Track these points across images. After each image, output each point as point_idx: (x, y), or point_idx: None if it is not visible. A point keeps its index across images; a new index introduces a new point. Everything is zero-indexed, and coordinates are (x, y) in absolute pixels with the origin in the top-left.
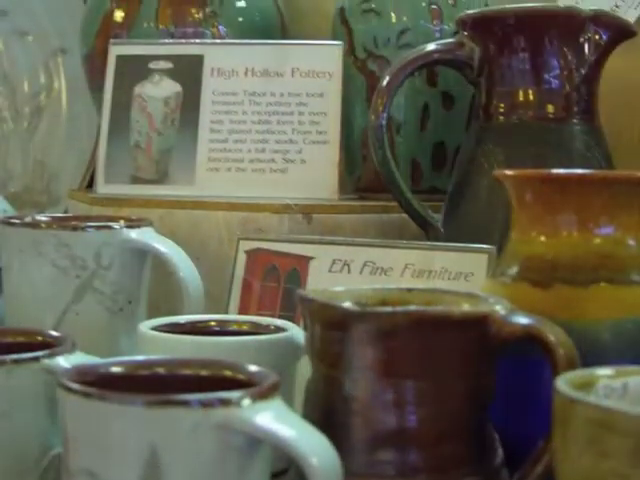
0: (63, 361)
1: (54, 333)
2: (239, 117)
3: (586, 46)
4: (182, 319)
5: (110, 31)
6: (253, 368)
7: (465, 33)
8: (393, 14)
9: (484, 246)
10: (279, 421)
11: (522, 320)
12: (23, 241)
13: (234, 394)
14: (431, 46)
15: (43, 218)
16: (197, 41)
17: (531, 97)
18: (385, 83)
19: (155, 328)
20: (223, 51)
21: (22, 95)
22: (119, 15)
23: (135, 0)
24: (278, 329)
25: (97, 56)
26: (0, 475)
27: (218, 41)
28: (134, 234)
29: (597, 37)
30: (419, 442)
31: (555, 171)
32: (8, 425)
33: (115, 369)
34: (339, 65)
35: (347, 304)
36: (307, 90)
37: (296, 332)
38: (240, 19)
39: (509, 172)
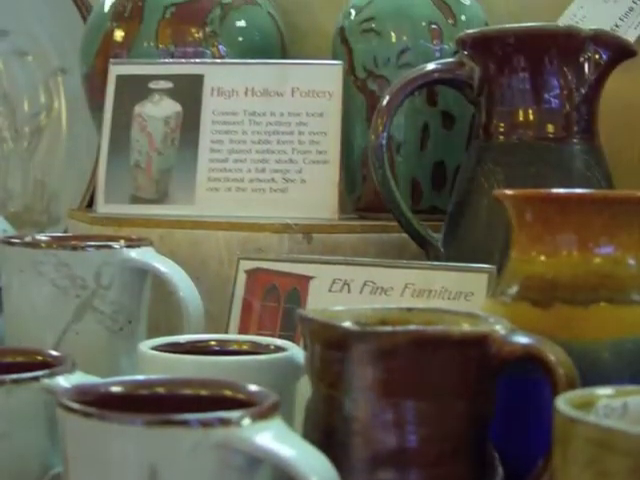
0: (63, 381)
1: (54, 353)
2: (239, 137)
3: (586, 66)
4: (182, 339)
5: (110, 51)
6: (253, 388)
7: (465, 53)
8: (393, 34)
9: (484, 266)
10: (279, 441)
11: (522, 340)
12: (23, 261)
13: (234, 414)
14: (431, 66)
15: (43, 238)
16: (197, 61)
17: (531, 117)
18: (385, 103)
19: (155, 348)
20: (223, 71)
21: (22, 115)
22: (119, 35)
23: (135, 20)
24: (278, 349)
25: (97, 76)
26: None
27: (218, 61)
28: (134, 254)
29: (597, 57)
30: (419, 462)
31: (555, 191)
32: (8, 445)
33: (115, 389)
34: (339, 85)
35: (347, 324)
36: (307, 110)
37: (296, 352)
38: (240, 39)
39: (509, 192)
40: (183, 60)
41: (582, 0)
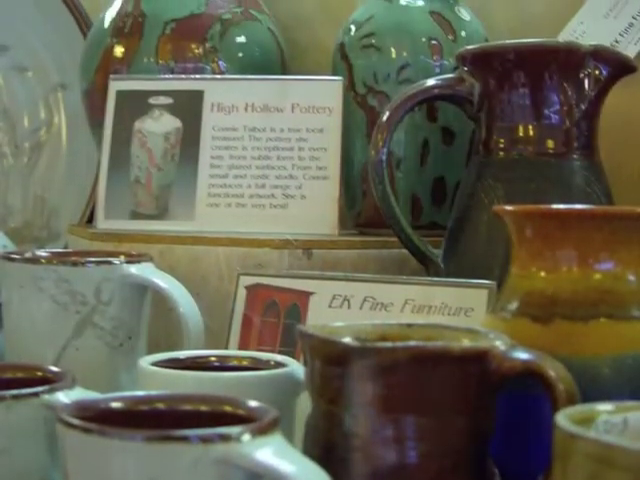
0: (63, 397)
1: (54, 369)
2: (239, 152)
3: (586, 81)
4: (182, 354)
5: (110, 66)
6: (253, 403)
7: (465, 68)
8: (393, 49)
9: (484, 281)
10: (279, 456)
11: (522, 356)
12: (23, 276)
13: (234, 429)
14: (431, 81)
15: (43, 253)
16: (197, 76)
17: (531, 132)
18: (385, 118)
19: (155, 363)
20: (223, 86)
21: (22, 130)
22: (119, 50)
23: (135, 35)
24: (278, 364)
25: (97, 91)
26: None
27: (218, 76)
28: (134, 269)
29: (597, 72)
30: (419, 478)
31: (555, 206)
32: (8, 461)
33: (115, 404)
34: (339, 100)
35: (347, 339)
36: (307, 125)
37: (296, 368)
38: (240, 54)
39: (509, 207)
40: (183, 76)
41: (582, 16)
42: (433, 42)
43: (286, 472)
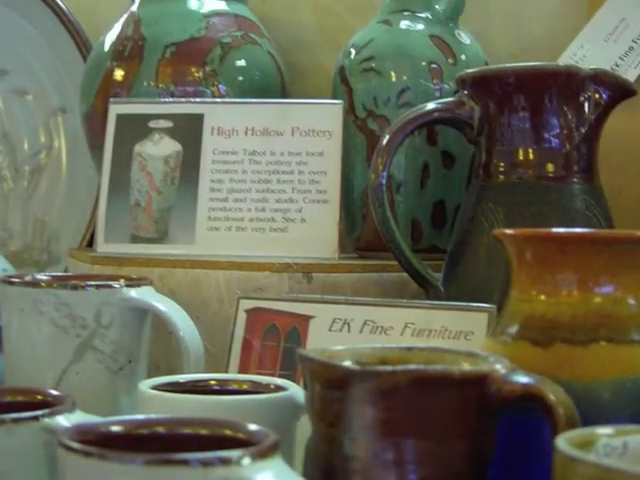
0: (63, 420)
1: (54, 392)
2: (239, 176)
3: (586, 105)
4: (182, 378)
5: (110, 90)
6: (253, 427)
7: (465, 92)
8: (393, 73)
9: (484, 305)
10: None
11: (522, 379)
12: (23, 300)
13: (234, 453)
14: (431, 105)
15: (43, 277)
16: (197, 100)
17: (531, 156)
18: (385, 142)
19: (155, 387)
20: (223, 110)
21: (22, 154)
22: (119, 74)
23: (135, 59)
24: (278, 388)
25: (97, 115)
26: None
27: (218, 100)
28: (134, 293)
29: (597, 96)
30: None
31: (555, 230)
32: None
33: (115, 428)
34: (339, 124)
35: (347, 363)
36: (307, 149)
37: (296, 391)
38: (240, 78)
39: (509, 231)
40: (183, 99)
41: (582, 39)
42: (433, 66)
43: None
